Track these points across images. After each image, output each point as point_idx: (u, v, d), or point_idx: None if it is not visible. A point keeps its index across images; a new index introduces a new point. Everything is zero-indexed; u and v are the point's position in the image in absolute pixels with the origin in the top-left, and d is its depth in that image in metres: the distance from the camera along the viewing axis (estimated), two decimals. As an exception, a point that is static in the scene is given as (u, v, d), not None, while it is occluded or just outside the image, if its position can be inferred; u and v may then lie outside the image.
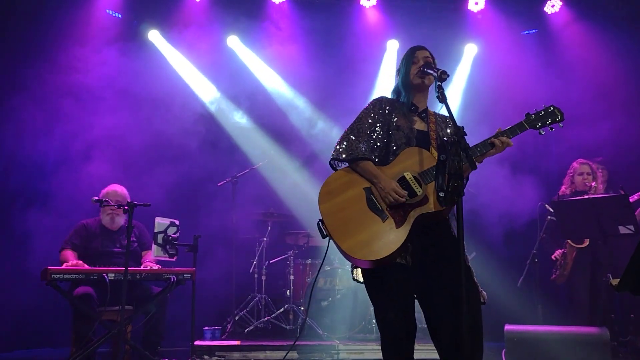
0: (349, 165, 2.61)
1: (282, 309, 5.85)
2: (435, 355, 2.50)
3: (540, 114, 2.63)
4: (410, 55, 2.73)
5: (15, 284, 5.52)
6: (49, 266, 3.97)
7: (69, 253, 4.44)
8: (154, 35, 6.65)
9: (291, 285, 6.01)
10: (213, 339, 5.46)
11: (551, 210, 4.98)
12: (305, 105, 6.92)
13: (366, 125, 2.65)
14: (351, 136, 2.63)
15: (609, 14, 6.51)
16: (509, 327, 4.32)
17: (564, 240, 4.98)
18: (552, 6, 6.74)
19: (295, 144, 6.81)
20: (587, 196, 4.73)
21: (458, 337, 2.17)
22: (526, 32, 7.05)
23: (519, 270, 5.18)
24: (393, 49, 6.99)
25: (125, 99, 6.12)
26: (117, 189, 4.68)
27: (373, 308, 2.64)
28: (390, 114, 2.67)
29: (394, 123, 2.64)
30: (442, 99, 2.36)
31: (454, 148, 2.19)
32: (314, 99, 6.86)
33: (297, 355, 4.95)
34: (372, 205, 2.49)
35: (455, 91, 6.96)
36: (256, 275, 6.12)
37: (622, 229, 4.39)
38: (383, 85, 6.85)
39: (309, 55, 6.72)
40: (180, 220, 4.51)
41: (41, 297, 5.34)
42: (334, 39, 6.91)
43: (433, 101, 2.57)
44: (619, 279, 2.22)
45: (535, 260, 5.02)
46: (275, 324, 5.81)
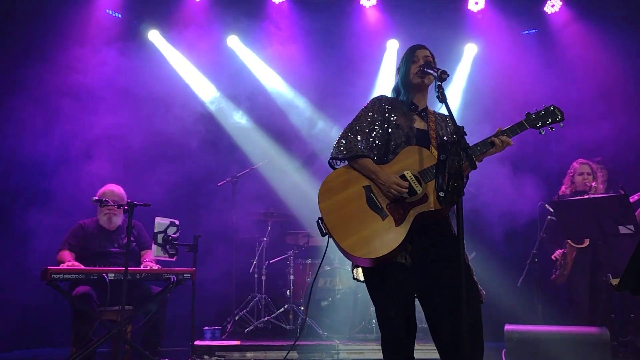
0: (348, 164, 2.61)
1: (282, 309, 5.85)
2: (435, 355, 2.50)
3: (540, 113, 2.63)
4: (411, 54, 2.72)
5: (15, 283, 5.53)
6: (49, 266, 3.97)
7: (66, 254, 4.42)
8: (154, 35, 6.65)
9: (291, 285, 6.01)
10: (213, 339, 5.46)
11: (551, 210, 4.98)
12: (306, 105, 6.92)
13: (365, 124, 2.65)
14: (350, 134, 2.62)
15: (609, 14, 6.50)
16: (509, 327, 4.32)
17: (564, 240, 4.98)
18: (552, 6, 6.73)
19: (296, 144, 6.81)
20: (587, 196, 4.73)
21: (458, 337, 2.17)
22: (526, 32, 7.04)
23: (519, 270, 5.18)
24: (393, 48, 6.99)
25: (126, 99, 6.12)
26: (114, 189, 4.65)
27: (373, 307, 2.64)
28: (390, 112, 2.67)
29: (394, 122, 2.64)
30: (442, 98, 2.36)
31: (454, 148, 2.19)
32: (314, 98, 6.87)
33: (297, 355, 4.95)
34: (372, 203, 2.48)
35: (456, 91, 6.96)
36: (256, 275, 6.12)
37: (622, 229, 4.39)
38: (383, 85, 6.85)
39: (309, 55, 6.72)
40: (180, 220, 4.50)
41: (41, 297, 5.33)
42: (334, 38, 6.91)
43: (433, 100, 2.57)
44: (619, 279, 2.22)
45: (535, 260, 5.02)
46: (275, 324, 5.81)
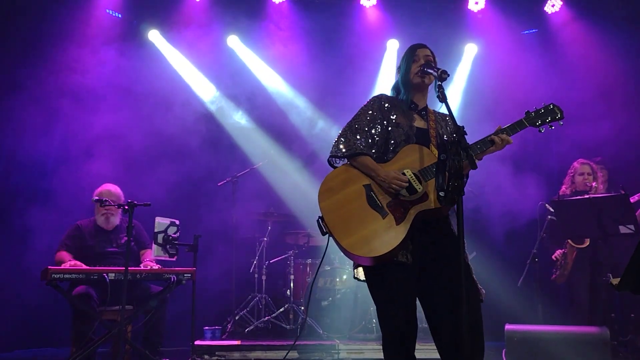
0: (347, 162, 2.61)
1: (283, 309, 5.85)
2: (435, 355, 2.50)
3: (540, 111, 2.64)
4: (411, 53, 2.71)
5: (15, 283, 5.53)
6: (49, 266, 3.97)
7: (64, 254, 4.41)
8: (154, 35, 6.65)
9: (291, 284, 6.01)
10: (213, 338, 5.46)
11: (551, 210, 4.97)
12: (306, 105, 6.92)
13: (365, 122, 2.64)
14: (349, 132, 2.62)
15: (609, 13, 6.50)
16: (509, 327, 4.31)
17: (564, 240, 4.98)
18: (552, 6, 6.73)
19: (296, 144, 6.81)
20: (588, 196, 4.72)
21: (458, 337, 2.17)
22: (526, 32, 7.04)
23: (519, 269, 5.18)
24: (393, 48, 6.99)
25: (126, 99, 6.13)
26: (111, 189, 4.63)
27: (374, 307, 2.64)
28: (390, 111, 2.66)
29: (393, 120, 2.64)
30: (442, 98, 2.36)
31: (454, 147, 2.19)
32: (314, 98, 6.87)
33: (298, 355, 4.95)
34: (372, 202, 2.48)
35: (456, 91, 6.96)
36: (256, 275, 6.12)
37: (623, 229, 4.39)
38: (383, 84, 6.84)
39: (309, 55, 6.72)
40: (181, 220, 4.50)
41: (41, 297, 5.34)
42: (334, 38, 6.90)
43: (433, 100, 2.57)
44: (619, 279, 2.22)
45: (536, 260, 5.01)
46: (276, 324, 5.81)
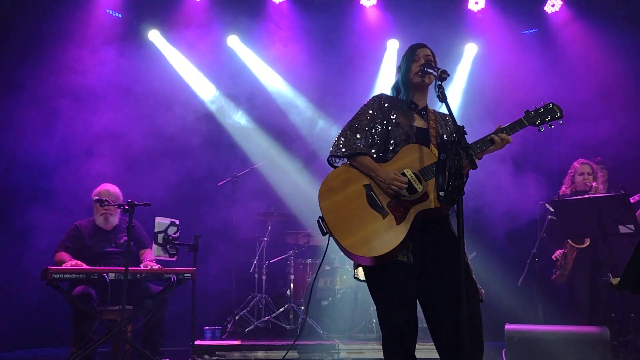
0: (347, 162, 2.61)
1: (283, 309, 5.84)
2: (435, 355, 2.49)
3: (539, 111, 2.64)
4: (411, 52, 2.71)
5: (15, 283, 5.53)
6: (49, 266, 3.97)
7: (64, 254, 4.42)
8: (154, 35, 6.65)
9: (291, 284, 6.01)
10: (213, 338, 5.45)
11: (552, 209, 4.98)
12: (306, 105, 6.92)
13: (365, 122, 2.64)
14: (349, 132, 2.62)
15: (609, 13, 6.50)
16: (509, 327, 4.31)
17: (564, 240, 4.98)
18: (552, 5, 6.73)
19: (296, 144, 6.81)
20: (588, 196, 4.72)
21: (458, 337, 2.17)
22: (526, 32, 7.04)
23: (519, 269, 5.18)
24: (393, 48, 6.99)
25: (126, 99, 6.13)
26: (109, 188, 4.63)
27: (374, 307, 2.64)
28: (390, 110, 2.66)
29: (393, 120, 2.63)
30: (442, 98, 2.36)
31: (454, 147, 2.19)
32: (314, 98, 6.87)
33: (297, 355, 4.95)
34: (372, 202, 2.48)
35: (456, 90, 6.96)
36: (256, 275, 6.12)
37: (623, 229, 4.39)
38: (383, 84, 6.85)
39: (309, 55, 6.72)
40: (181, 220, 4.50)
41: (41, 297, 5.34)
42: (334, 38, 6.91)
43: (433, 99, 2.57)
44: (619, 279, 2.22)
45: (536, 259, 5.01)
46: (276, 324, 5.81)
